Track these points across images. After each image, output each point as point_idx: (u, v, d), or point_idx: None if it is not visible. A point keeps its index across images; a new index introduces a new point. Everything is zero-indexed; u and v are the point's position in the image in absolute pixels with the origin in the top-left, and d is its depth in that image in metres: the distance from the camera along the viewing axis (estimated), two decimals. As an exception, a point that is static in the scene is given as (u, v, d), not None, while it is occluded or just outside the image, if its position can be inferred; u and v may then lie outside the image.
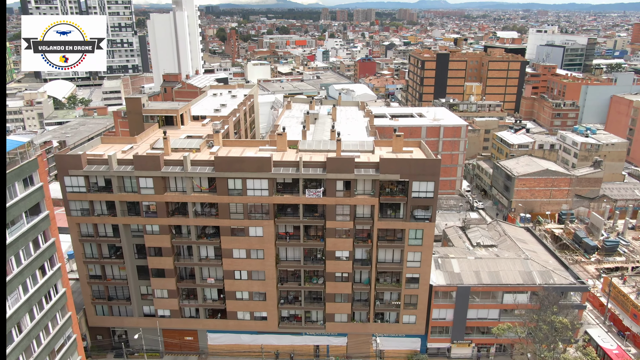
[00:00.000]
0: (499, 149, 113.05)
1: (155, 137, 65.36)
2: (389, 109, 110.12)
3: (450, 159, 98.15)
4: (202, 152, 58.39)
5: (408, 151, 58.36)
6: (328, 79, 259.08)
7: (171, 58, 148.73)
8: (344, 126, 72.86)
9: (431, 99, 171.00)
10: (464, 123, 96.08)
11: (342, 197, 52.80)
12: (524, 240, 67.29)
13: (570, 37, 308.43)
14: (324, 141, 59.69)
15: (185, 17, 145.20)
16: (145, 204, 54.22)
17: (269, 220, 54.14)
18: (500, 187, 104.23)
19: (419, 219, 53.66)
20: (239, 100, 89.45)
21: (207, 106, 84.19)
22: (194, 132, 68.28)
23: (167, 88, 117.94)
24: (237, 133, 77.58)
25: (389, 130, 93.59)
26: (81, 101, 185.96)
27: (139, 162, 52.22)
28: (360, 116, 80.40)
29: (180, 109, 70.56)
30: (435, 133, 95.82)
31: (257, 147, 60.35)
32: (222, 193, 53.11)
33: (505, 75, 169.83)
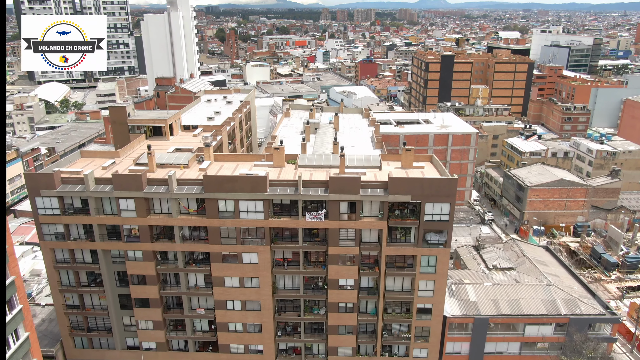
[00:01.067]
0: (509, 156, 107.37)
1: (142, 150, 59.68)
2: (394, 114, 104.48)
3: (459, 169, 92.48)
4: (191, 168, 52.75)
5: (419, 167, 52.72)
6: (328, 80, 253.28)
7: (166, 60, 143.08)
8: (347, 136, 67.19)
9: (435, 102, 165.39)
10: (474, 130, 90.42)
11: (346, 221, 47.16)
12: (544, 262, 61.61)
13: (575, 37, 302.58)
14: (325, 155, 54.02)
15: (180, 18, 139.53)
16: (127, 227, 48.60)
17: (265, 245, 48.49)
18: (512, 197, 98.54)
19: (433, 244, 48.00)
20: (235, 107, 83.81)
21: (200, 114, 78.55)
22: (184, 144, 62.67)
23: (161, 93, 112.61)
24: (232, 143, 71.96)
25: (395, 138, 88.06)
26: (74, 104, 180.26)
27: (119, 181, 46.56)
28: (365, 125, 74.73)
29: (169, 119, 64.92)
30: (443, 141, 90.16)
31: (252, 162, 54.71)
32: (212, 216, 47.46)
33: (512, 78, 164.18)
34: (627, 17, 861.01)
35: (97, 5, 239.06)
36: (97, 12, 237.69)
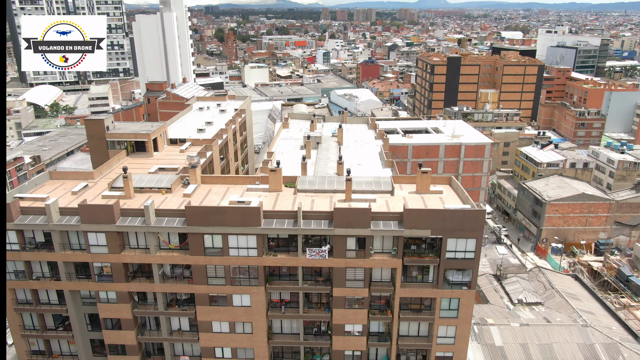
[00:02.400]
0: (524, 166, 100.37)
1: (121, 170, 52.73)
2: (400, 122, 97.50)
3: (472, 182, 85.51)
4: (175, 192, 45.77)
5: (436, 191, 45.72)
6: (329, 82, 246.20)
7: (159, 63, 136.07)
8: (353, 152, 60.19)
9: (441, 106, 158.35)
10: (488, 141, 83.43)
11: (354, 259, 40.19)
12: (576, 295, 54.65)
13: (582, 38, 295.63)
14: (329, 178, 47.02)
15: (173, 19, 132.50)
16: (97, 265, 41.64)
17: (259, 286, 41.51)
18: (528, 212, 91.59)
19: (455, 285, 41.03)
20: (228, 116, 76.82)
21: (190, 124, 71.55)
22: (170, 162, 55.69)
23: (151, 98, 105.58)
24: (224, 158, 64.95)
25: (402, 149, 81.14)
26: (65, 109, 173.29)
27: (87, 213, 39.59)
28: (371, 137, 67.71)
29: (153, 132, 57.90)
30: (455, 152, 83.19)
31: (245, 184, 47.73)
32: (197, 252, 40.49)
33: (522, 81, 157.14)
34: (628, 16, 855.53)
35: (91, 5, 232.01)
36: (90, 12, 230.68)
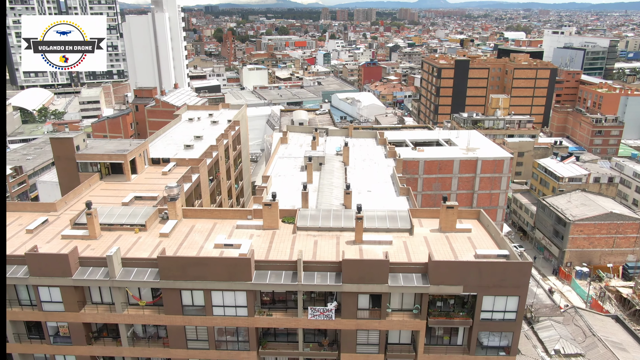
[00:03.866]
0: (542, 180, 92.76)
1: (92, 196, 45.21)
2: (409, 132, 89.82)
3: (489, 200, 77.91)
4: (150, 230, 38.19)
5: (464, 230, 38.15)
6: (330, 85, 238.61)
7: (150, 67, 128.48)
8: (361, 174, 52.56)
9: (448, 111, 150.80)
10: (507, 155, 75.76)
11: (366, 320, 32.61)
12: (621, 344, 47.02)
13: (590, 39, 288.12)
14: (335, 212, 39.40)
15: (166, 19, 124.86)
16: (52, 325, 34.06)
17: (250, 351, 33.92)
18: (548, 231, 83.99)
19: (491, 350, 33.44)
20: (221, 128, 69.24)
21: (177, 139, 63.94)
22: (150, 188, 48.12)
23: (140, 106, 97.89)
24: (214, 179, 57.34)
25: (413, 165, 73.47)
26: (53, 113, 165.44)
27: (37, 263, 31.98)
28: (381, 155, 60.06)
29: (131, 152, 50.27)
30: (470, 168, 75.54)
31: (235, 219, 40.14)
32: (173, 311, 32.89)
33: (533, 85, 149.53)
34: (629, 16, 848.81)
35: (83, 5, 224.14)
36: (83, 12, 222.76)
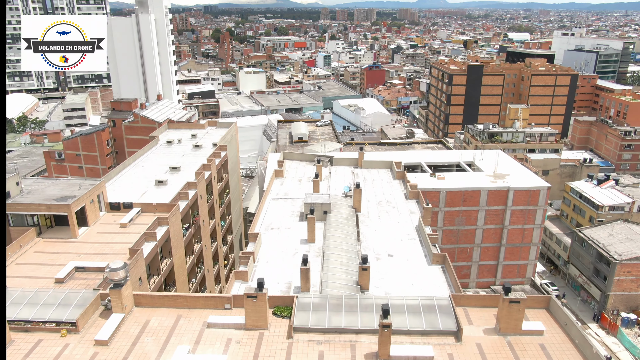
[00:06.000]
0: (576, 207, 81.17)
1: (19, 265, 33.67)
2: (424, 152, 78.19)
3: (522, 236, 66.38)
4: (83, 332, 26.62)
5: (533, 332, 26.60)
6: (331, 89, 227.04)
7: (135, 73, 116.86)
8: (378, 227, 40.83)
9: (459, 121, 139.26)
10: (544, 184, 64.11)
11: None
12: None
13: (602, 40, 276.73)
14: (347, 300, 27.86)
15: (151, 22, 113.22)
16: None
17: None
18: (587, 269, 72.46)
19: None
20: (204, 153, 57.62)
21: (148, 171, 52.27)
22: (100, 249, 36.57)
23: (117, 120, 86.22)
24: (192, 225, 45.74)
25: (433, 195, 61.91)
26: (34, 122, 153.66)
27: None
28: (400, 194, 48.37)
29: (80, 199, 38.53)
30: (500, 199, 63.99)
31: (207, 308, 28.63)
32: None
33: (552, 93, 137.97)
34: (629, 17, 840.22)
35: (71, 5, 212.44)
36: (70, 12, 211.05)
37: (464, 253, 67.03)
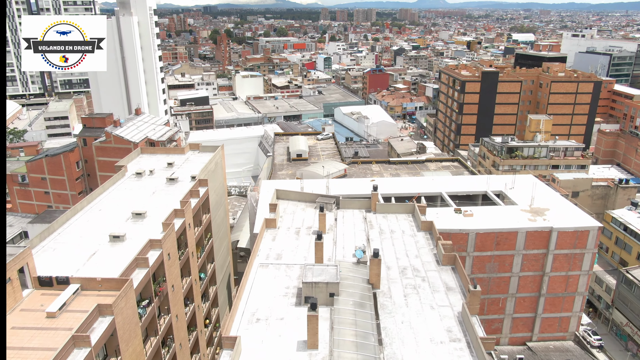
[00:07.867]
0: (619, 240, 70.06)
1: None
2: (444, 180, 66.77)
3: (565, 285, 55.18)
4: None
5: None
6: (332, 94, 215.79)
7: (116, 81, 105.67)
8: (403, 317, 29.67)
9: (472, 131, 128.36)
10: (595, 224, 52.86)
11: None
12: None
13: (615, 42, 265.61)
14: None
15: (134, 25, 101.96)
16: None
17: None
18: (636, 318, 61.31)
19: None
20: (180, 189, 46.37)
21: (104, 219, 40.98)
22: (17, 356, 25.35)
23: (88, 139, 75.19)
24: (155, 298, 34.52)
25: (460, 238, 50.80)
26: (12, 132, 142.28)
27: None
28: (428, 257, 37.09)
29: None
30: (541, 242, 52.79)
31: None
32: None
33: (573, 101, 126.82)
34: (630, 17, 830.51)
35: (57, 6, 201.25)
36: (56, 13, 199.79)
37: (496, 304, 55.90)
